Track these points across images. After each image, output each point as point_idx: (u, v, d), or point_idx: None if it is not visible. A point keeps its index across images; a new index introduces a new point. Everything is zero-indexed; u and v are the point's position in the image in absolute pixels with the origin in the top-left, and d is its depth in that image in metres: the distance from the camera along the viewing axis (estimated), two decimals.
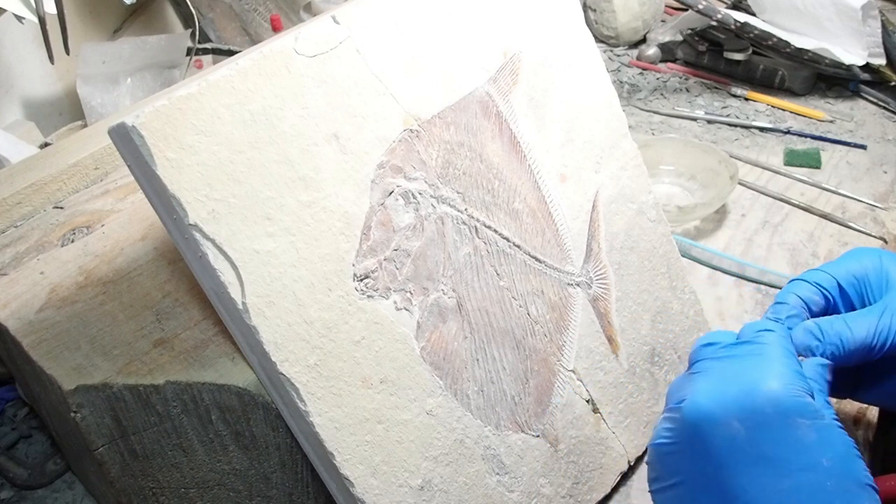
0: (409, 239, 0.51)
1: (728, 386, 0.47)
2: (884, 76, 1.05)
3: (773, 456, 0.44)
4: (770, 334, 0.49)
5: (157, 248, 0.56)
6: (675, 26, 1.19)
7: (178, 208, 0.42)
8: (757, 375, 0.47)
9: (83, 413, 0.49)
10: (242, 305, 0.44)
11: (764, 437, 0.44)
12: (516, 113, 0.57)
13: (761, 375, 0.46)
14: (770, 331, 0.50)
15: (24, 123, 0.94)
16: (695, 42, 1.12)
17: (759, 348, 0.48)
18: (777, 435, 0.44)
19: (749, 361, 0.48)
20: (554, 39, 0.60)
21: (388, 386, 0.49)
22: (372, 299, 0.49)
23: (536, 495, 0.55)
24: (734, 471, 0.44)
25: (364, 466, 0.47)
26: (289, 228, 0.46)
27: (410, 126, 0.51)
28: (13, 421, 0.68)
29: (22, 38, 0.96)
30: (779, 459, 0.44)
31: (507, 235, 0.55)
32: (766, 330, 0.50)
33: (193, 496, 0.53)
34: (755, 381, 0.46)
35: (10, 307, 0.53)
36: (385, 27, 0.51)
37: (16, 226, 0.61)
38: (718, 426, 0.45)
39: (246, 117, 0.45)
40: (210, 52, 1.10)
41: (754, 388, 0.46)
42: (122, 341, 0.50)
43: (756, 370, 0.47)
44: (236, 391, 0.48)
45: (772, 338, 0.49)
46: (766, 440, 0.44)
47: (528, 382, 0.55)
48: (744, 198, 0.89)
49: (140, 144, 0.41)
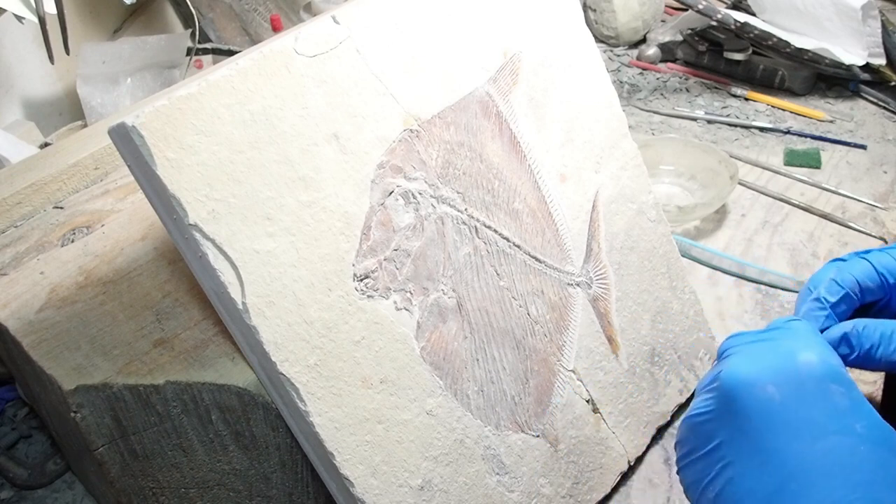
0: (409, 239, 0.51)
1: (764, 356, 0.48)
2: (884, 76, 1.05)
3: (808, 418, 0.44)
4: (797, 323, 0.51)
5: (157, 248, 0.56)
6: (675, 26, 1.19)
7: (178, 208, 0.42)
8: (791, 347, 0.48)
9: (83, 413, 0.49)
10: (242, 305, 0.44)
11: (800, 400, 0.45)
12: (516, 113, 0.57)
13: (796, 347, 0.48)
14: (796, 320, 0.51)
15: (24, 123, 0.94)
16: (695, 42, 1.12)
17: (789, 332, 0.50)
18: (812, 399, 0.45)
19: (782, 340, 0.49)
20: (554, 39, 0.60)
21: (388, 386, 0.49)
22: (372, 299, 0.49)
23: (536, 495, 0.55)
24: (771, 433, 0.45)
25: (364, 466, 0.47)
26: (289, 228, 0.46)
27: (410, 126, 0.51)
28: (13, 421, 0.68)
29: (22, 38, 0.96)
30: (814, 422, 0.44)
31: (507, 235, 0.55)
32: (792, 320, 0.51)
33: (193, 496, 0.53)
34: (790, 352, 0.47)
35: (10, 307, 0.53)
36: (385, 27, 0.51)
37: (16, 226, 0.61)
38: (755, 389, 0.46)
39: (246, 117, 0.45)
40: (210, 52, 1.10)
41: (789, 357, 0.47)
42: (122, 341, 0.50)
43: (790, 344, 0.48)
44: (236, 391, 0.48)
45: (801, 324, 0.50)
46: (801, 404, 0.45)
47: (528, 382, 0.55)
48: (744, 198, 0.89)
49: (140, 144, 0.41)
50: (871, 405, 0.46)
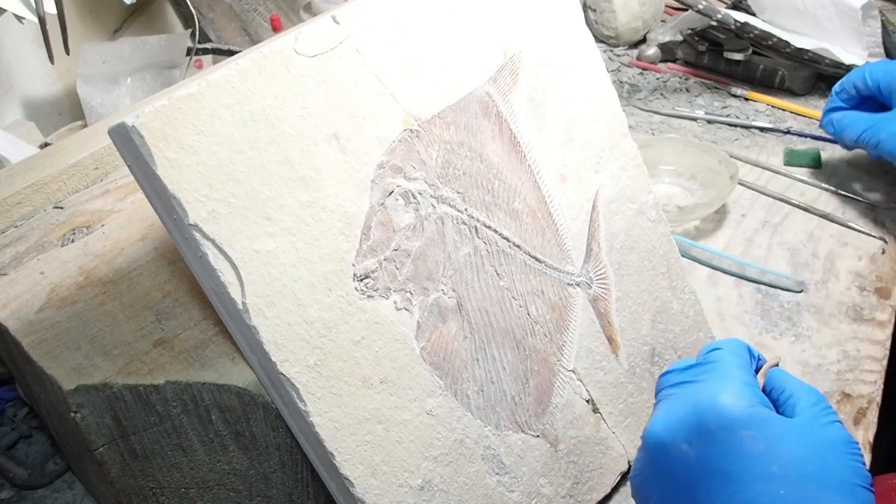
0: (409, 239, 0.51)
1: (678, 410, 0.49)
2: None
3: (725, 472, 0.45)
4: (719, 352, 0.52)
5: (157, 248, 0.56)
6: (675, 26, 1.19)
7: (178, 208, 0.42)
8: (704, 395, 0.49)
9: (83, 413, 0.49)
10: (242, 305, 0.44)
11: (714, 455, 0.46)
12: (516, 113, 0.57)
13: (708, 394, 0.49)
14: (719, 349, 0.52)
15: (24, 123, 0.94)
16: (695, 42, 1.12)
17: (710, 367, 0.51)
18: (726, 451, 0.46)
19: (699, 382, 0.50)
20: (554, 39, 0.60)
21: (388, 386, 0.49)
22: (372, 299, 0.49)
23: (536, 495, 0.55)
24: (694, 490, 0.46)
25: (364, 466, 0.47)
26: (289, 228, 0.46)
27: (410, 126, 0.51)
28: (13, 421, 0.68)
29: (22, 38, 0.96)
30: (731, 475, 0.45)
31: (507, 235, 0.55)
32: (715, 349, 0.52)
33: (193, 496, 0.53)
34: (701, 401, 0.49)
35: (10, 307, 0.53)
36: (385, 27, 0.51)
37: (16, 226, 0.61)
38: (671, 450, 0.47)
39: (246, 117, 0.45)
40: (210, 52, 1.10)
41: (700, 408, 0.48)
42: (122, 341, 0.50)
43: (704, 389, 0.49)
44: (236, 391, 0.48)
45: (721, 355, 0.52)
46: (716, 458, 0.46)
47: (528, 382, 0.55)
48: (744, 198, 0.89)
49: (140, 144, 0.41)
50: (789, 433, 0.46)
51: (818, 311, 0.75)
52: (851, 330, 0.73)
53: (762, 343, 0.72)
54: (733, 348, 0.52)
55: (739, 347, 0.53)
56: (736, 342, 0.53)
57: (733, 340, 0.53)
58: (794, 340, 0.72)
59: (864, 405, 0.66)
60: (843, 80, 0.86)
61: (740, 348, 0.52)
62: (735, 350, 0.52)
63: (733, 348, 0.52)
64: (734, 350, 0.52)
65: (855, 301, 0.76)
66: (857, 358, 0.70)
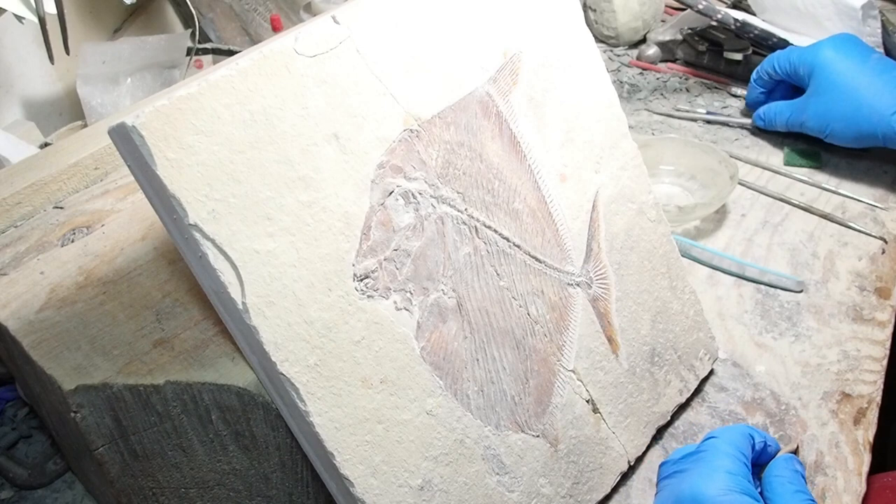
0: (409, 239, 0.51)
1: (665, 501, 0.54)
2: None
3: None
4: (713, 441, 0.55)
5: (157, 248, 0.56)
6: (675, 26, 1.19)
7: (178, 208, 0.42)
8: (686, 485, 0.52)
9: (83, 413, 0.49)
10: (242, 305, 0.44)
11: None
12: (516, 113, 0.57)
13: (690, 484, 0.52)
14: (714, 437, 0.55)
15: (24, 123, 0.94)
16: (695, 42, 1.12)
17: (700, 456, 0.54)
18: None
19: (689, 474, 0.53)
20: (554, 39, 0.60)
21: (388, 386, 0.49)
22: (372, 299, 0.49)
23: (536, 495, 0.55)
24: None
25: (364, 466, 0.47)
26: (289, 228, 0.46)
27: (410, 126, 0.51)
28: (13, 421, 0.68)
29: (22, 38, 0.96)
30: None
31: (507, 235, 0.55)
32: (710, 437, 0.55)
33: (193, 496, 0.53)
34: (684, 492, 0.52)
35: (10, 307, 0.53)
36: (385, 27, 0.51)
37: (16, 226, 0.61)
38: None
39: (246, 117, 0.45)
40: (210, 52, 1.10)
41: (681, 499, 0.52)
42: (122, 341, 0.50)
43: (688, 479, 0.53)
44: (236, 391, 0.48)
45: (714, 444, 0.54)
46: None
47: (528, 382, 0.55)
48: (744, 198, 0.89)
49: (140, 144, 0.41)
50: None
51: (818, 311, 0.75)
52: (851, 330, 0.73)
53: (762, 343, 0.72)
54: (729, 437, 0.54)
55: (736, 436, 0.54)
56: (735, 430, 0.55)
57: (733, 428, 0.55)
58: (794, 340, 0.72)
59: (864, 405, 0.66)
60: (758, 69, 0.96)
61: (737, 436, 0.54)
62: (730, 439, 0.54)
63: (729, 437, 0.54)
64: (729, 439, 0.54)
65: (855, 301, 0.76)
66: (857, 358, 0.70)
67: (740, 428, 0.55)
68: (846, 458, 0.62)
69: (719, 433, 0.55)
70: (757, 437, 0.55)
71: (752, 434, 0.55)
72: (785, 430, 0.65)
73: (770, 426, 0.65)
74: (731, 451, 0.53)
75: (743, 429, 0.55)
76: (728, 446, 0.53)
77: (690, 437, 0.65)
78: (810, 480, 0.60)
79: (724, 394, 0.68)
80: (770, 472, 0.55)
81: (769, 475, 0.55)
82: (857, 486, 0.60)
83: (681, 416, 0.66)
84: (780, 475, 0.54)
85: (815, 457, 0.62)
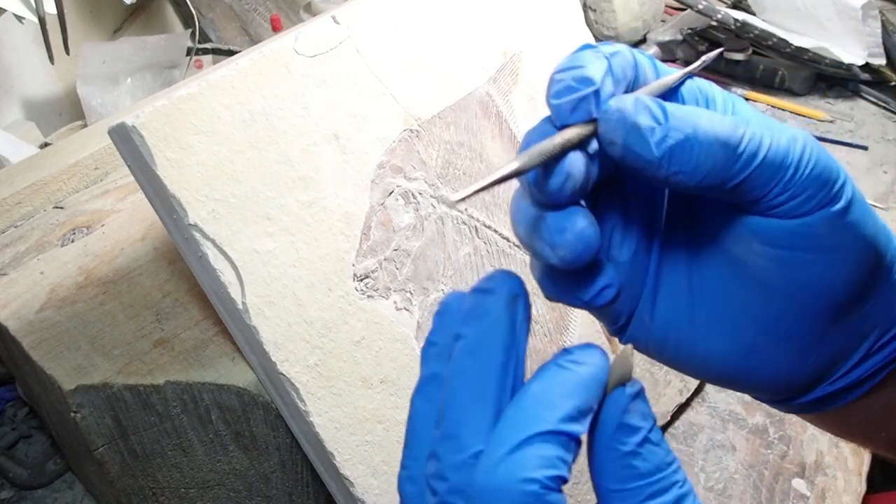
0: (409, 239, 0.51)
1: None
2: (884, 76, 1.05)
3: None
4: (486, 318, 0.28)
5: (157, 248, 0.56)
6: (675, 26, 1.19)
7: (178, 208, 0.42)
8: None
9: (83, 413, 0.49)
10: (242, 305, 0.44)
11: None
12: (516, 113, 0.57)
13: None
14: (487, 313, 0.28)
15: (24, 123, 0.94)
16: (695, 42, 1.12)
17: (460, 365, 0.28)
18: None
19: (451, 385, 0.28)
20: (554, 39, 0.60)
21: (388, 386, 0.48)
22: (372, 299, 0.49)
23: None
24: None
25: (364, 466, 0.47)
26: (289, 228, 0.46)
27: (410, 126, 0.51)
28: (13, 421, 0.68)
29: (22, 38, 0.96)
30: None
31: (507, 235, 0.55)
32: (487, 291, 0.28)
33: (193, 496, 0.53)
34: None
35: (10, 307, 0.53)
36: (385, 27, 0.51)
37: (16, 226, 0.61)
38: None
39: (246, 117, 0.45)
40: (210, 52, 1.10)
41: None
42: (122, 341, 0.50)
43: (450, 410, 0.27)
44: (236, 391, 0.48)
45: (485, 327, 0.28)
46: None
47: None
48: None
49: (140, 144, 0.41)
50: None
51: None
52: None
53: None
54: (504, 300, 0.28)
55: (509, 298, 0.28)
56: (513, 283, 0.29)
57: (510, 280, 0.29)
58: None
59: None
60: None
61: (512, 310, 0.28)
62: (507, 312, 0.28)
63: (504, 300, 0.28)
64: (504, 307, 0.28)
65: None
66: None
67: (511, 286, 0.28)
68: (846, 458, 0.62)
69: (494, 286, 0.28)
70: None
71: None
72: (785, 430, 0.65)
73: (770, 426, 0.65)
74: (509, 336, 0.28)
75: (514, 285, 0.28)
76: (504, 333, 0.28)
77: (690, 437, 0.65)
78: (810, 480, 0.60)
79: (723, 394, 0.68)
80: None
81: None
82: (857, 486, 0.60)
83: (681, 416, 0.66)
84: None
85: (815, 457, 0.62)
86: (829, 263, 0.30)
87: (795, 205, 0.29)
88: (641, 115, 0.28)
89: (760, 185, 0.29)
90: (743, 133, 0.29)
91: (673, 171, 0.28)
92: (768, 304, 0.31)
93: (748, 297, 0.32)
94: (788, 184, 0.29)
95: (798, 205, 0.29)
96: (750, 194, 0.29)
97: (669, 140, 0.28)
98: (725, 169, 0.28)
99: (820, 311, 0.31)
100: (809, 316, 0.31)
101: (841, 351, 0.33)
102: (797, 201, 0.29)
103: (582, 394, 0.27)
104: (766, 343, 0.32)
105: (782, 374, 0.33)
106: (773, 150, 0.29)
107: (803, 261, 0.30)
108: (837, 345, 0.32)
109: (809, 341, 0.32)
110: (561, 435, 0.26)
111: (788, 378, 0.33)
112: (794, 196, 0.29)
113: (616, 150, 0.29)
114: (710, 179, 0.29)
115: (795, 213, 0.29)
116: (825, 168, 0.29)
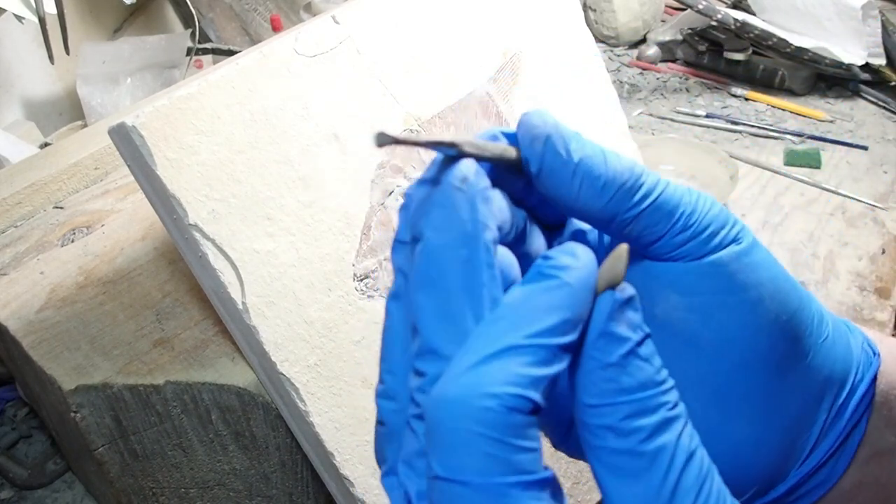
0: None
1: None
2: (884, 76, 1.05)
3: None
4: (437, 211, 0.25)
5: (157, 248, 0.56)
6: (675, 26, 1.19)
7: (178, 208, 0.42)
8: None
9: (83, 413, 0.49)
10: (242, 305, 0.44)
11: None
12: (516, 113, 0.57)
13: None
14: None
15: (24, 123, 0.94)
16: (695, 42, 1.12)
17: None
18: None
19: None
20: (554, 39, 0.60)
21: None
22: (372, 299, 0.49)
23: None
24: None
25: (364, 466, 0.47)
26: (289, 228, 0.46)
27: (410, 126, 0.51)
28: (13, 421, 0.68)
29: (22, 38, 0.96)
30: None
31: None
32: (433, 181, 0.26)
33: (193, 496, 0.53)
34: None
35: (10, 307, 0.53)
36: (385, 27, 0.51)
37: (16, 226, 0.61)
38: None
39: (246, 117, 0.45)
40: (210, 52, 1.10)
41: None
42: (122, 341, 0.50)
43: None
44: (236, 391, 0.48)
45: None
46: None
47: None
48: (744, 198, 0.89)
49: (140, 144, 0.41)
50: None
51: None
52: None
53: None
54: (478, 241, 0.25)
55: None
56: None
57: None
58: None
59: None
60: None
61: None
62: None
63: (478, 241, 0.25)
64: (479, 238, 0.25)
65: (855, 301, 0.76)
66: None
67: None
68: None
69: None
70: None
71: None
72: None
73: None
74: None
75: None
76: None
77: None
78: None
79: None
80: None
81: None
82: None
83: None
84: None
85: None
86: (748, 304, 0.29)
87: (701, 242, 0.29)
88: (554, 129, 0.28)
89: (663, 217, 0.28)
90: (642, 171, 0.29)
91: (585, 186, 0.28)
92: (700, 364, 0.30)
93: (682, 363, 0.30)
94: (690, 218, 0.28)
95: (703, 241, 0.29)
96: (653, 228, 0.28)
97: (582, 152, 0.28)
98: (629, 196, 0.28)
99: (756, 363, 0.30)
100: (746, 371, 0.30)
101: (799, 417, 0.31)
102: (701, 238, 0.29)
103: (566, 301, 0.24)
104: (717, 414, 0.30)
105: (744, 452, 0.30)
106: (670, 188, 0.29)
107: (720, 304, 0.29)
108: (793, 406, 0.30)
109: (759, 402, 0.30)
110: (537, 348, 0.23)
111: (753, 458, 0.31)
112: (697, 234, 0.28)
113: (535, 160, 0.28)
114: (615, 204, 0.28)
115: (702, 251, 0.29)
116: (723, 210, 0.29)
